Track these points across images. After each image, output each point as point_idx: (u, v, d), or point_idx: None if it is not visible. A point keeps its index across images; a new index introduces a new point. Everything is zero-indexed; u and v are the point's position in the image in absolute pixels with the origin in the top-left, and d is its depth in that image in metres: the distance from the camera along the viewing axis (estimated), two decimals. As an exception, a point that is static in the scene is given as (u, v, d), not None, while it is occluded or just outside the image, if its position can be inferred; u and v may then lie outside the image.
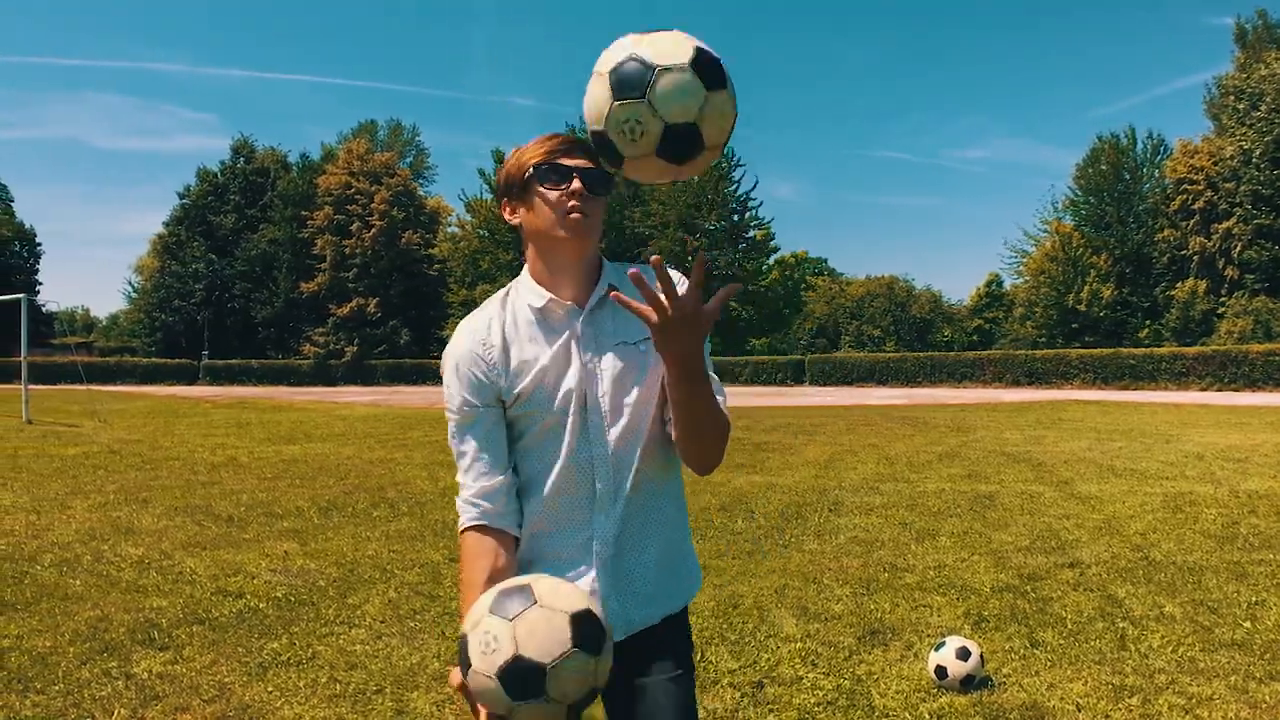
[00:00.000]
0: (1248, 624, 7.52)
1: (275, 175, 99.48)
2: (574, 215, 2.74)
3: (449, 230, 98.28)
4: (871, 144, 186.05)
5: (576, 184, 2.73)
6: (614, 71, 2.46)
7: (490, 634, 2.34)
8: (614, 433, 2.79)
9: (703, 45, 2.53)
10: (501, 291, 2.97)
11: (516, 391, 2.78)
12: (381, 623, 7.63)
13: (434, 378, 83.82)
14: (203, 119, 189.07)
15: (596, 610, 2.45)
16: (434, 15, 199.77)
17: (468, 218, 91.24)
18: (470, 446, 2.81)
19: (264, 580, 9.00)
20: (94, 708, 5.78)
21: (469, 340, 2.85)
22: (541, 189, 2.77)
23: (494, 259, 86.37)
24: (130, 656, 6.73)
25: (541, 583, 2.44)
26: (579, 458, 2.77)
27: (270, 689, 6.13)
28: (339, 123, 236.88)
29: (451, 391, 2.85)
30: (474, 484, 2.78)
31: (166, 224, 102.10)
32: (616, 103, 2.44)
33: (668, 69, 2.43)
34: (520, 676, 2.30)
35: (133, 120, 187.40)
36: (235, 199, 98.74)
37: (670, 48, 2.49)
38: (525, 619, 2.34)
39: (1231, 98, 74.71)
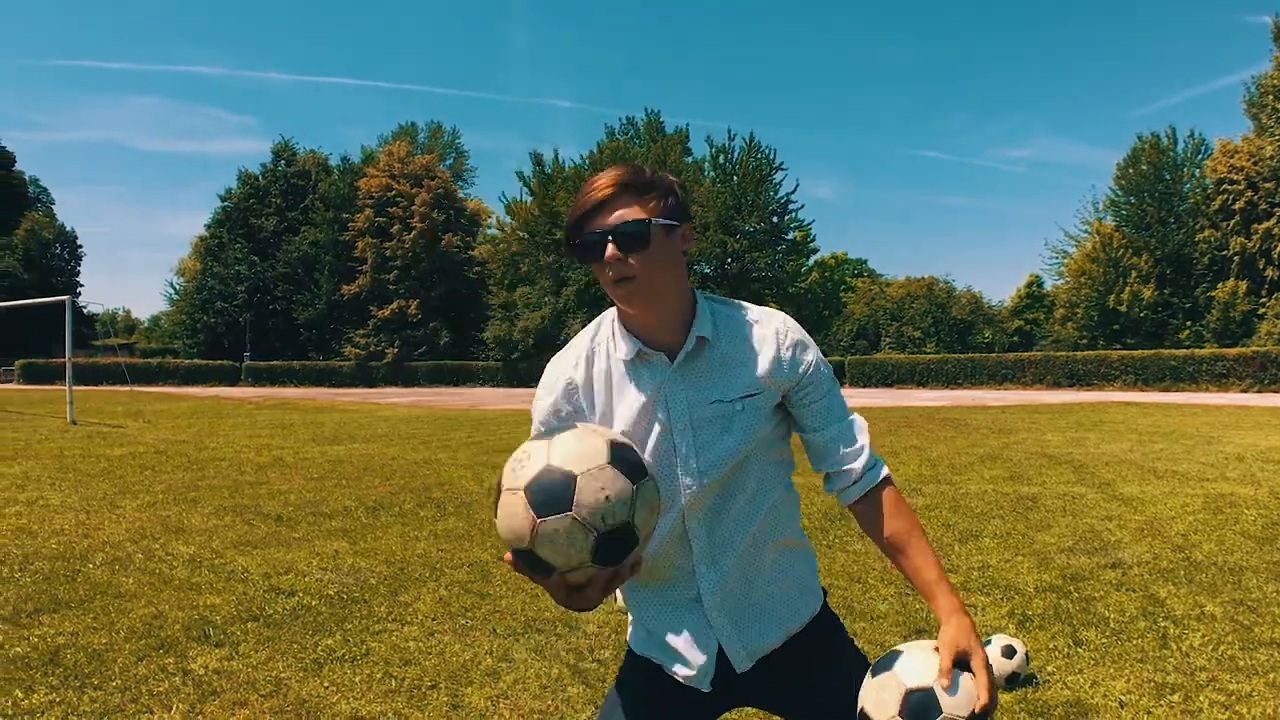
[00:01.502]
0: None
1: (316, 178, 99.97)
2: (619, 288, 2.63)
3: (488, 232, 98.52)
4: (912, 143, 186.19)
5: (610, 251, 2.59)
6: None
7: (525, 450, 2.32)
8: (707, 492, 2.72)
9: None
10: (591, 328, 2.90)
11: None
12: (433, 620, 7.71)
13: (474, 379, 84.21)
14: (243, 121, 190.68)
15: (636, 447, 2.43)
16: (472, 17, 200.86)
17: (507, 220, 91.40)
18: None
19: (315, 578, 9.09)
20: (152, 703, 5.85)
21: (554, 378, 2.83)
22: (585, 262, 2.70)
23: (534, 261, 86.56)
24: (186, 653, 6.81)
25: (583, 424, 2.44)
26: (671, 517, 2.71)
27: (326, 684, 6.21)
28: (379, 125, 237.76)
29: (535, 420, 2.82)
30: None
31: (208, 226, 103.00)
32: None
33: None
34: (547, 488, 2.22)
35: (174, 123, 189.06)
36: (276, 201, 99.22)
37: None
38: (562, 437, 2.32)
39: (1270, 97, 74.24)
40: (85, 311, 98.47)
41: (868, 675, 2.61)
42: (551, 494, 2.20)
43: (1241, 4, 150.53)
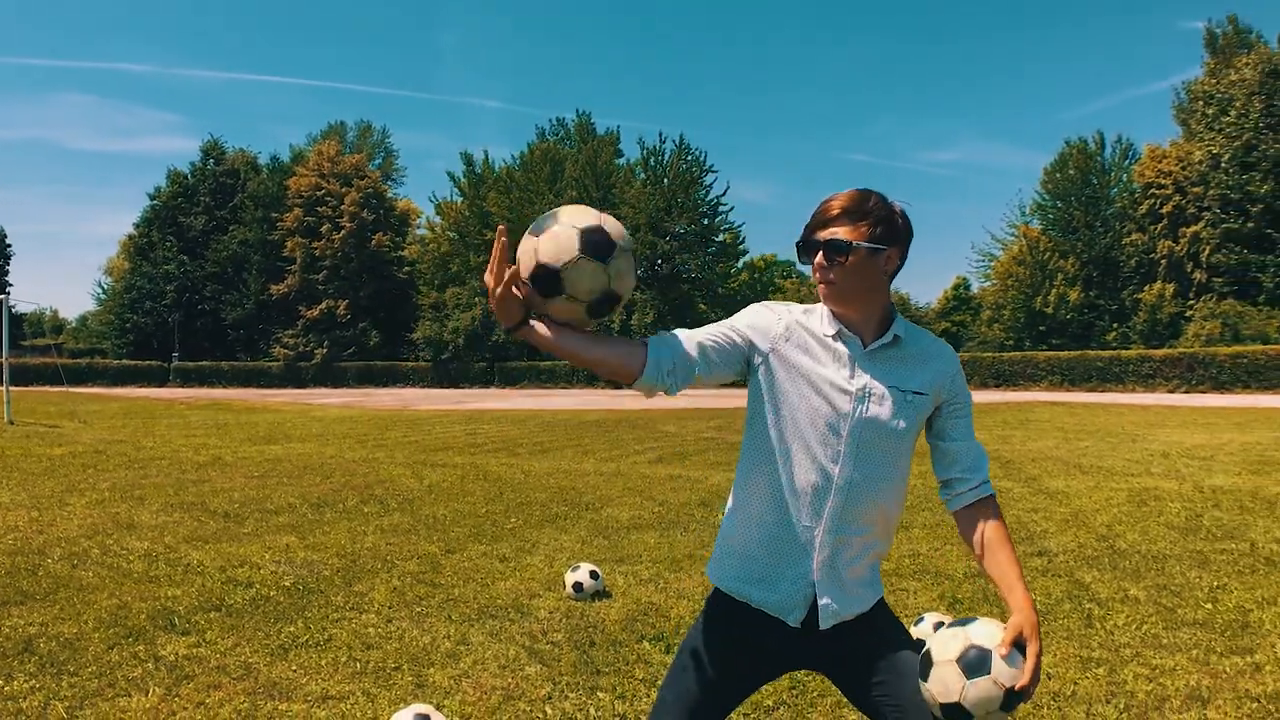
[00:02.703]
0: (1209, 605, 7.91)
1: (245, 177, 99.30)
2: (822, 287, 3.19)
3: (418, 232, 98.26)
4: (841, 147, 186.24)
5: (819, 258, 3.16)
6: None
7: (522, 249, 2.99)
8: (858, 462, 3.15)
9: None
10: (802, 305, 3.35)
11: (777, 383, 3.21)
12: (390, 608, 7.95)
13: (404, 380, 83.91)
14: (172, 120, 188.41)
15: (606, 226, 3.00)
16: (401, 16, 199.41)
17: (437, 220, 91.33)
18: (705, 337, 3.19)
19: (270, 570, 9.30)
20: (129, 687, 6.08)
21: (772, 309, 3.30)
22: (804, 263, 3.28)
23: (464, 261, 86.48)
24: (155, 641, 7.03)
25: (565, 210, 3.04)
26: (822, 471, 3.14)
27: (294, 668, 6.45)
28: (308, 124, 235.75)
29: (733, 320, 3.28)
30: (679, 343, 3.16)
31: (137, 225, 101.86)
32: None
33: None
34: (543, 279, 2.93)
35: (103, 121, 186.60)
36: (205, 200, 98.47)
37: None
38: (547, 233, 2.96)
39: (1201, 102, 75.17)
40: (14, 311, 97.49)
41: (943, 626, 3.13)
42: (599, 246, 2.94)
43: (1173, 9, 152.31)
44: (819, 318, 3.26)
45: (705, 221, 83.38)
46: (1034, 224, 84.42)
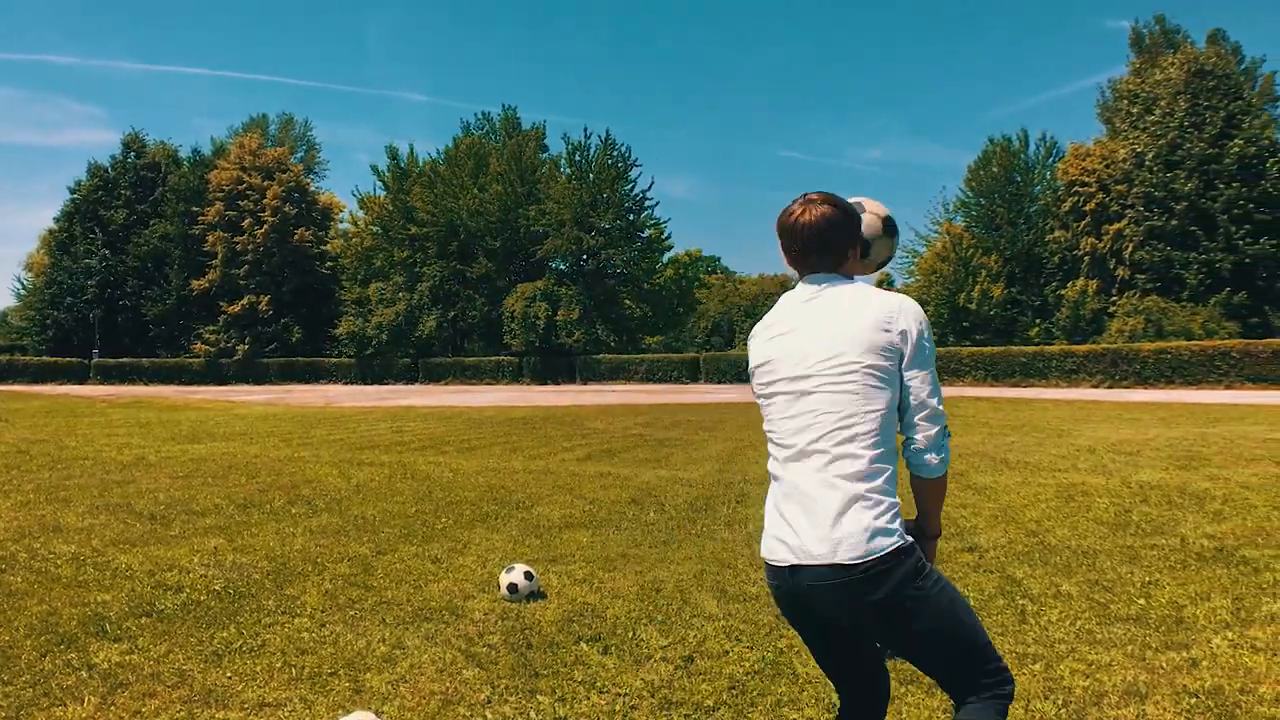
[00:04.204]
0: (1142, 600, 8.00)
1: (166, 170, 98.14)
2: None
3: (341, 227, 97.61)
4: (770, 143, 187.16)
5: None
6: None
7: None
8: None
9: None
10: None
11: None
12: (323, 612, 7.91)
13: (327, 376, 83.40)
14: (96, 113, 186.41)
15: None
16: (324, 6, 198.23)
17: (360, 214, 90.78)
18: None
19: (200, 574, 9.23)
20: (64, 696, 6.02)
21: None
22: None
23: (388, 256, 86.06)
24: (87, 648, 6.96)
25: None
26: None
27: (229, 674, 6.41)
28: (230, 117, 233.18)
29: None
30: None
31: (57, 219, 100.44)
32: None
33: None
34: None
35: (23, 113, 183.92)
36: (126, 194, 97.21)
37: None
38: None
39: (1125, 101, 75.83)
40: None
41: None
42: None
43: (1100, 9, 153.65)
44: None
45: (631, 217, 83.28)
46: (958, 221, 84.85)
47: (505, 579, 8.24)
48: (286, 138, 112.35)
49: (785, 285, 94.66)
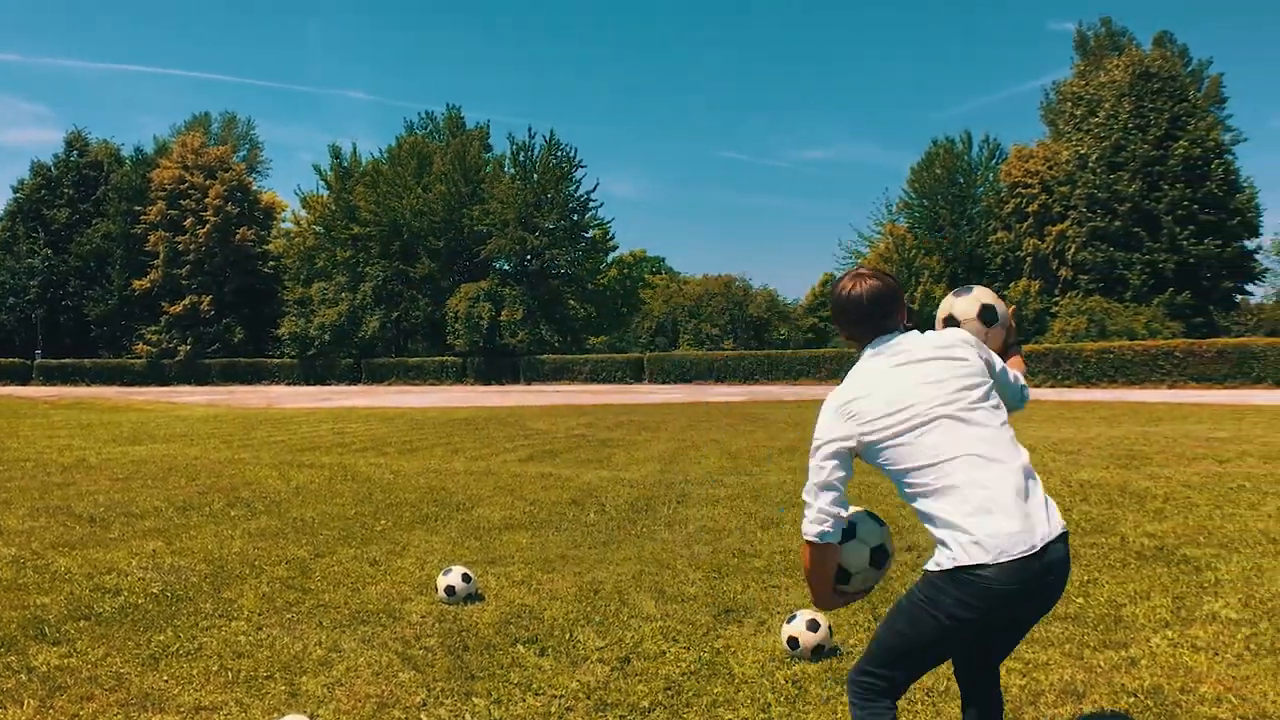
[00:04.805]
0: (1080, 600, 8.08)
1: (109, 169, 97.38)
2: None
3: (283, 226, 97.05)
4: (714, 144, 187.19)
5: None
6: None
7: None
8: None
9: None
10: None
11: None
12: (260, 615, 7.93)
13: (269, 377, 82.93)
14: (39, 110, 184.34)
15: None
16: (268, 4, 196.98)
17: (303, 213, 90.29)
18: None
19: (138, 577, 9.23)
20: (3, 699, 6.05)
21: None
22: None
23: (330, 256, 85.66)
24: (26, 651, 6.98)
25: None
26: None
27: (165, 678, 6.43)
28: (172, 115, 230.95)
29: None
30: None
31: (0, 219, 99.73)
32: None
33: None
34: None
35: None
36: (69, 193, 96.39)
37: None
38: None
39: (1070, 103, 76.37)
40: None
41: (951, 296, 4.68)
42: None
43: (1045, 11, 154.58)
44: None
45: (575, 217, 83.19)
46: (901, 222, 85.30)
47: (443, 581, 8.26)
48: (229, 136, 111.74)
49: (729, 285, 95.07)
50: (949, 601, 3.82)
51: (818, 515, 4.07)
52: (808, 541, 4.12)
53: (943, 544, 3.87)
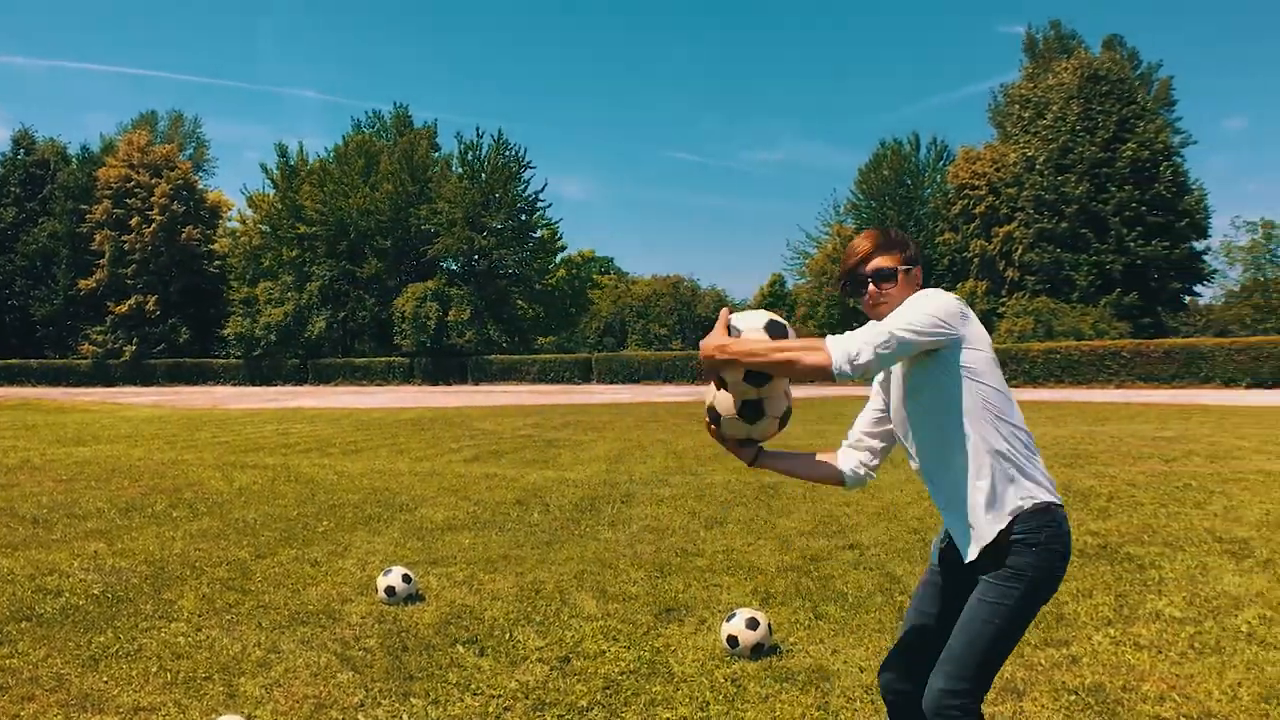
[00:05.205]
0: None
1: (55, 167, 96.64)
2: (876, 310, 3.95)
3: (229, 225, 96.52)
4: (665, 145, 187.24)
5: (870, 289, 3.97)
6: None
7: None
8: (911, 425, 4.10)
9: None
10: None
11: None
12: (199, 616, 7.93)
13: (215, 377, 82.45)
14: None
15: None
16: (218, 4, 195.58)
17: (249, 213, 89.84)
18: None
19: (79, 579, 9.22)
20: (-59, 699, 6.03)
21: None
22: (854, 299, 4.06)
23: (276, 255, 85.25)
24: (-34, 652, 6.97)
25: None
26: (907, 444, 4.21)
27: (105, 679, 6.43)
28: (120, 113, 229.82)
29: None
30: None
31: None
32: None
33: None
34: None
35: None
36: (15, 192, 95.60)
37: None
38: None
39: (1018, 106, 76.83)
40: None
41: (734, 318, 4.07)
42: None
43: (995, 14, 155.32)
44: None
45: (523, 217, 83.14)
46: (849, 223, 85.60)
47: (383, 582, 8.28)
48: (176, 135, 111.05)
49: (677, 286, 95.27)
50: (1063, 544, 3.96)
51: (858, 351, 3.65)
52: (816, 363, 3.71)
53: (1031, 479, 3.93)
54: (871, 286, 3.95)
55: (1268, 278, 66.48)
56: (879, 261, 3.97)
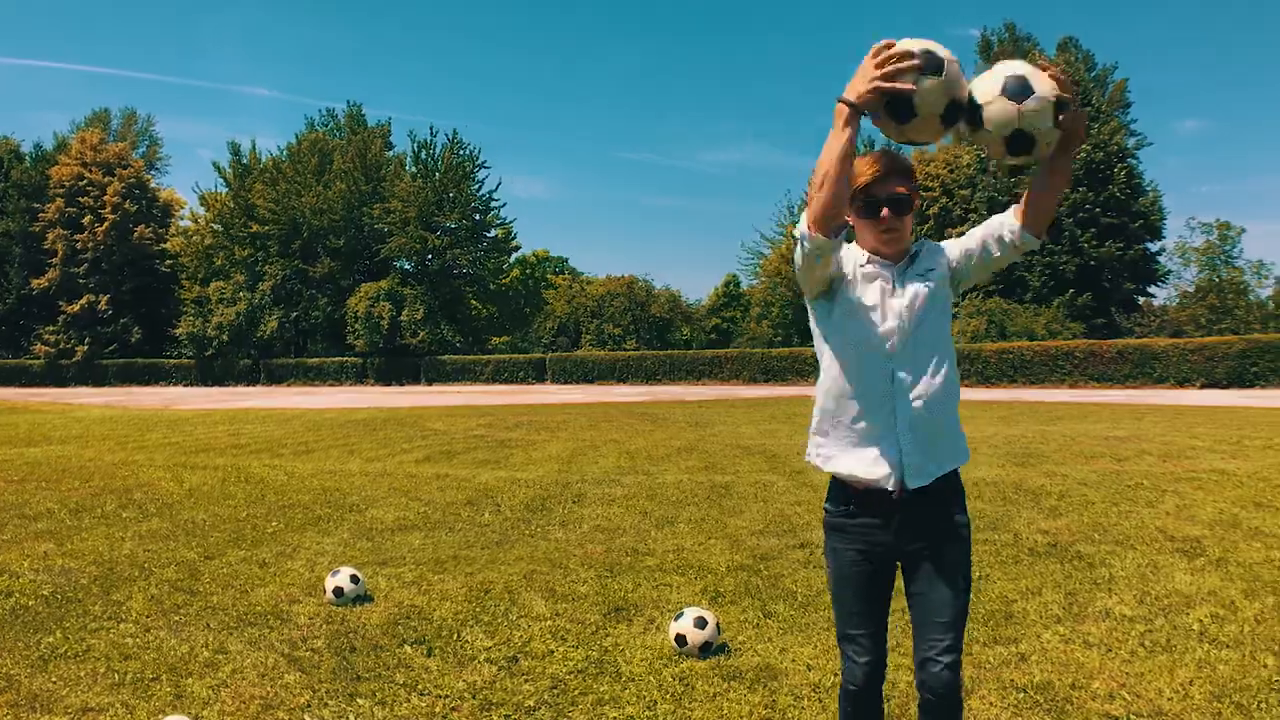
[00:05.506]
0: (969, 595, 8.22)
1: (8, 165, 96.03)
2: (886, 235, 3.93)
3: (181, 224, 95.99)
4: (620, 146, 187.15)
5: (885, 213, 3.89)
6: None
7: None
8: (910, 344, 3.92)
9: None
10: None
11: (848, 294, 3.95)
12: (148, 617, 7.93)
13: (167, 378, 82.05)
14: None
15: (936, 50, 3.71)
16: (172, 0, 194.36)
17: (201, 211, 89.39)
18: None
19: (29, 579, 9.21)
20: (-114, 700, 6.02)
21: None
22: (860, 220, 3.95)
23: (228, 255, 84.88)
24: (-87, 652, 6.96)
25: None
26: (882, 364, 3.91)
27: (54, 680, 6.44)
28: (74, 110, 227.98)
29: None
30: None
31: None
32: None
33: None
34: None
35: None
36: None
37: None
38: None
39: (972, 108, 77.18)
40: None
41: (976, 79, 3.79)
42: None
43: (949, 16, 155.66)
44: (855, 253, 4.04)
45: (477, 217, 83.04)
46: (801, 224, 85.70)
47: (331, 582, 8.28)
48: (129, 133, 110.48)
49: (631, 286, 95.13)
50: None
51: None
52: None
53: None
54: (886, 211, 3.90)
55: (1222, 278, 66.91)
56: (896, 186, 3.93)
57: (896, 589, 4.31)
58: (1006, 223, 4.05)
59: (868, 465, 3.94)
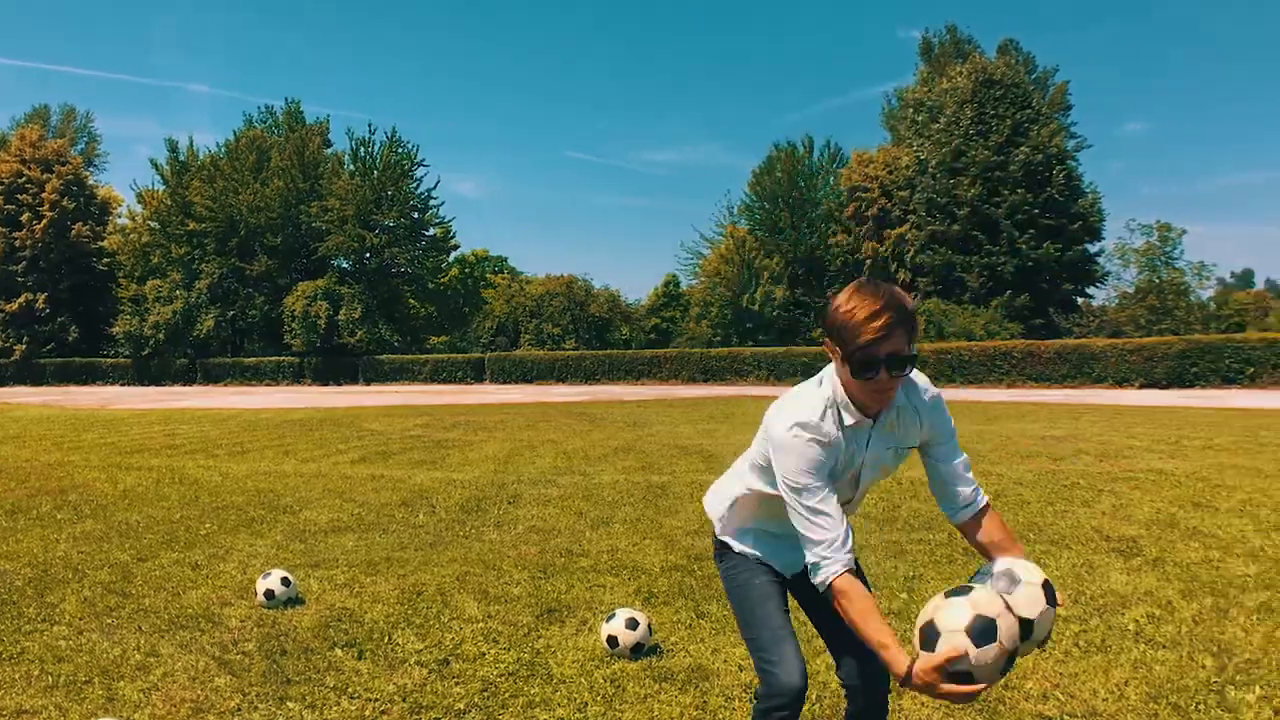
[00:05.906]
0: (905, 595, 8.35)
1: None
2: (880, 396, 3.69)
3: (119, 222, 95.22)
4: (560, 145, 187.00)
5: (883, 375, 3.55)
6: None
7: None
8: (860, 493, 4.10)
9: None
10: (820, 398, 3.82)
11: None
12: (81, 619, 7.94)
13: (104, 377, 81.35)
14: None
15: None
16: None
17: (139, 209, 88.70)
18: (832, 504, 3.72)
19: (-39, 582, 9.20)
20: None
21: (825, 434, 3.76)
22: (853, 375, 3.61)
23: (165, 253, 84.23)
24: None
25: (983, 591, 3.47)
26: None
27: (-15, 682, 6.46)
28: (13, 106, 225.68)
29: (803, 465, 3.72)
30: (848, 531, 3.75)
31: None
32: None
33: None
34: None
35: None
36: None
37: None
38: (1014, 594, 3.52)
39: (911, 109, 77.83)
40: None
41: (939, 596, 3.58)
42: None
43: (893, 18, 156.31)
44: (832, 418, 3.79)
45: (416, 215, 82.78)
46: (742, 224, 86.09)
47: (262, 585, 8.29)
48: (68, 129, 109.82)
49: (571, 285, 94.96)
50: None
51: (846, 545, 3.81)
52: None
53: None
54: (884, 371, 3.55)
55: (1162, 279, 67.43)
56: (899, 346, 3.55)
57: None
58: (951, 495, 4.10)
59: (783, 562, 4.35)
